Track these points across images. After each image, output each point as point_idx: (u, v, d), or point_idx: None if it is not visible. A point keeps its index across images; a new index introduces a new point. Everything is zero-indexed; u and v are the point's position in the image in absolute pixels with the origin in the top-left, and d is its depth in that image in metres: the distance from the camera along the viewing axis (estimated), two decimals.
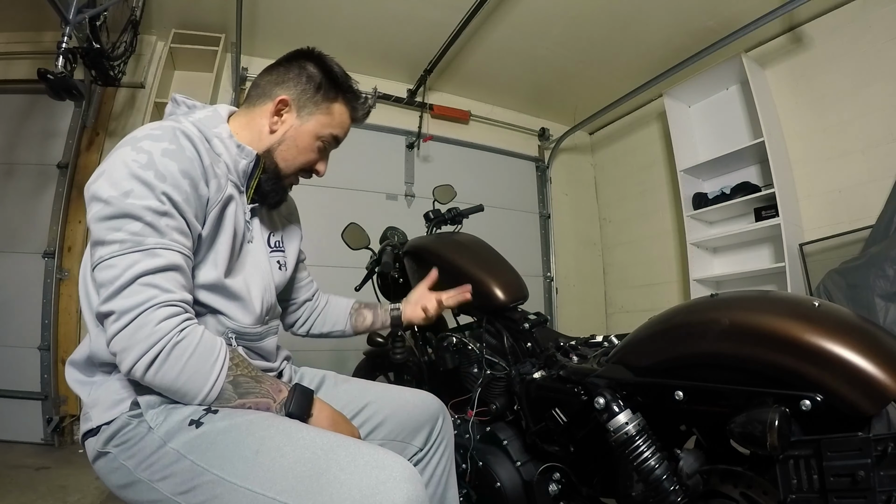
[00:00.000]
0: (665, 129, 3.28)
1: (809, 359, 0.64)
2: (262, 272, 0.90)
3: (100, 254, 0.67)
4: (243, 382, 0.71)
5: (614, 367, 0.90)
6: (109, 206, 0.67)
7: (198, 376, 0.67)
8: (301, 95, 0.89)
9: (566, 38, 2.93)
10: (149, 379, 0.65)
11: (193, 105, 0.92)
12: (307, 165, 0.93)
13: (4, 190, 2.54)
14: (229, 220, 0.82)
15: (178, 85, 2.90)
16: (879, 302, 1.84)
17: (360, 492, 0.58)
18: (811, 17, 2.62)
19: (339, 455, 0.63)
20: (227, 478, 0.63)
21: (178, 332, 0.66)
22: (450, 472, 1.00)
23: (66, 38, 1.88)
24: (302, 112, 0.90)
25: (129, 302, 0.64)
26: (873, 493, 0.56)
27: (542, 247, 3.82)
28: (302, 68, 0.91)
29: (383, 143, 3.35)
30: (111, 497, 1.77)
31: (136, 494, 0.71)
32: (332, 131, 0.92)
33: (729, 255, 3.07)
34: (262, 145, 0.89)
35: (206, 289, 0.78)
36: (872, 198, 2.32)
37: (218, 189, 0.79)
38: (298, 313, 1.18)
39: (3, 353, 2.40)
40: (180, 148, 0.73)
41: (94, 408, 0.75)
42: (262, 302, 0.87)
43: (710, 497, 0.78)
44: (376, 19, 2.75)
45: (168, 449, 0.67)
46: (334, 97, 0.91)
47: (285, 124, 0.89)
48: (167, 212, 0.69)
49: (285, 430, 0.67)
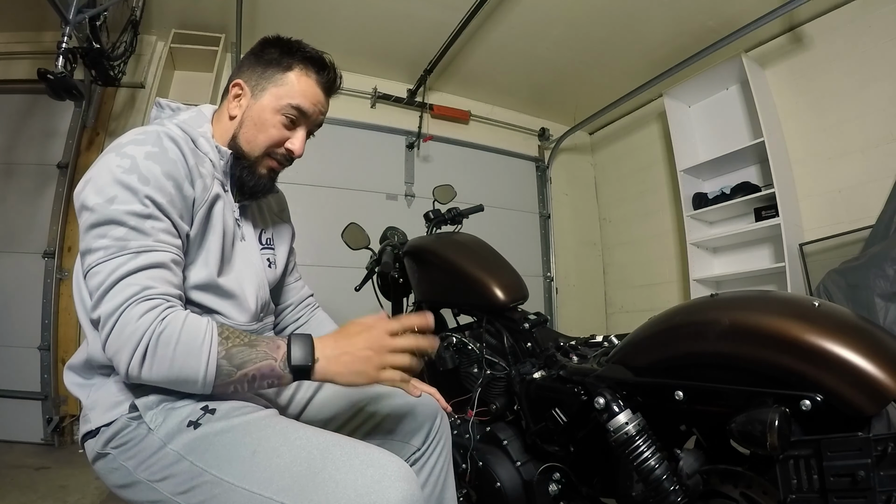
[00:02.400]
0: (665, 129, 3.28)
1: (809, 359, 0.64)
2: (254, 269, 0.90)
3: (87, 262, 0.68)
4: (237, 353, 0.68)
5: (614, 367, 0.90)
6: (94, 214, 0.68)
7: (190, 360, 0.65)
8: (252, 74, 0.88)
9: (566, 39, 2.93)
10: (145, 376, 0.65)
11: (178, 108, 0.91)
12: (273, 143, 0.88)
13: (4, 190, 2.54)
14: (217, 218, 0.82)
15: (178, 85, 2.90)
16: (879, 302, 1.84)
17: (356, 490, 0.59)
18: (811, 17, 2.62)
19: (335, 454, 0.63)
20: (224, 478, 0.63)
21: (160, 321, 0.65)
22: (448, 471, 0.99)
23: (66, 38, 1.88)
24: (255, 90, 0.87)
25: (111, 305, 0.65)
26: (873, 493, 0.56)
27: (542, 247, 3.82)
28: (258, 54, 0.89)
29: (383, 143, 3.35)
30: (111, 497, 1.77)
31: (135, 494, 0.71)
32: (290, 101, 0.86)
33: (729, 255, 3.07)
34: (228, 135, 0.88)
35: (199, 288, 0.78)
36: (872, 198, 2.32)
37: (204, 189, 0.79)
38: (280, 318, 1.12)
39: (3, 353, 2.40)
40: (163, 150, 0.73)
41: (93, 410, 0.76)
42: (256, 299, 0.87)
43: (710, 497, 0.77)
44: (376, 19, 2.75)
45: (168, 450, 0.68)
46: (287, 66, 0.87)
47: (242, 107, 0.88)
48: (151, 214, 0.69)
49: (282, 430, 0.67)
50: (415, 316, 0.78)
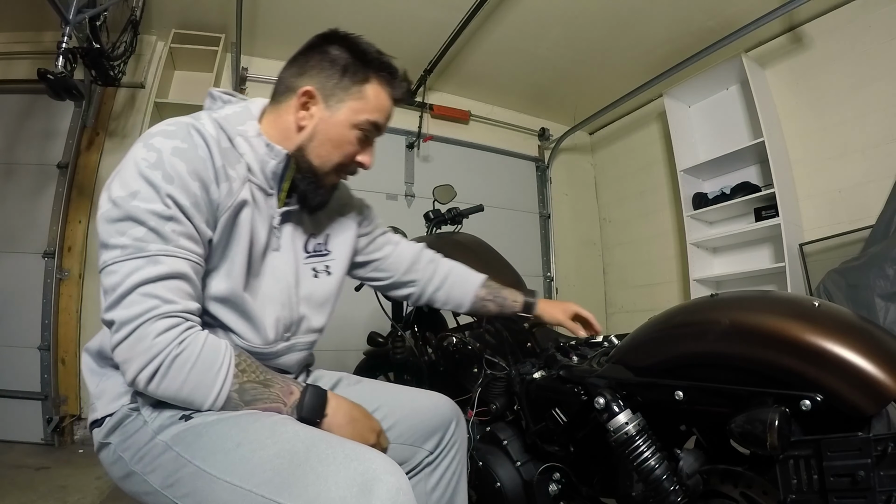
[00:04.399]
0: (665, 129, 3.28)
1: (809, 359, 0.64)
2: (283, 286, 0.83)
3: (103, 258, 0.65)
4: (250, 389, 0.68)
5: (614, 367, 0.90)
6: (116, 208, 0.65)
7: (201, 387, 0.65)
8: (326, 82, 0.80)
9: (566, 38, 2.93)
10: (151, 391, 0.65)
11: (228, 100, 0.85)
12: (347, 160, 0.84)
13: (4, 190, 2.54)
14: (244, 226, 0.76)
15: (178, 85, 2.90)
16: (879, 302, 1.84)
17: (336, 483, 0.56)
18: (811, 17, 2.62)
19: (320, 448, 0.61)
20: (207, 470, 0.62)
21: (178, 344, 0.63)
22: (461, 477, 0.97)
23: (66, 38, 1.88)
24: (330, 101, 0.80)
25: (127, 313, 0.62)
26: (873, 493, 0.56)
27: (542, 247, 3.82)
28: (324, 53, 0.81)
29: (383, 143, 3.29)
30: (111, 497, 1.77)
31: (132, 486, 0.72)
32: (368, 117, 0.82)
33: (729, 255, 3.07)
34: (292, 144, 0.81)
35: (217, 301, 0.74)
36: (872, 198, 2.32)
37: (229, 193, 0.73)
38: (407, 290, 1.13)
39: (3, 353, 2.40)
40: (192, 146, 0.69)
41: (99, 399, 0.76)
42: (276, 323, 0.81)
43: (710, 497, 0.78)
44: (376, 19, 2.75)
45: (157, 441, 0.67)
46: (365, 77, 0.81)
47: (314, 118, 0.80)
48: (173, 216, 0.66)
49: (271, 424, 0.65)
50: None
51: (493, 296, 1.19)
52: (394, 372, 1.77)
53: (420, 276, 1.15)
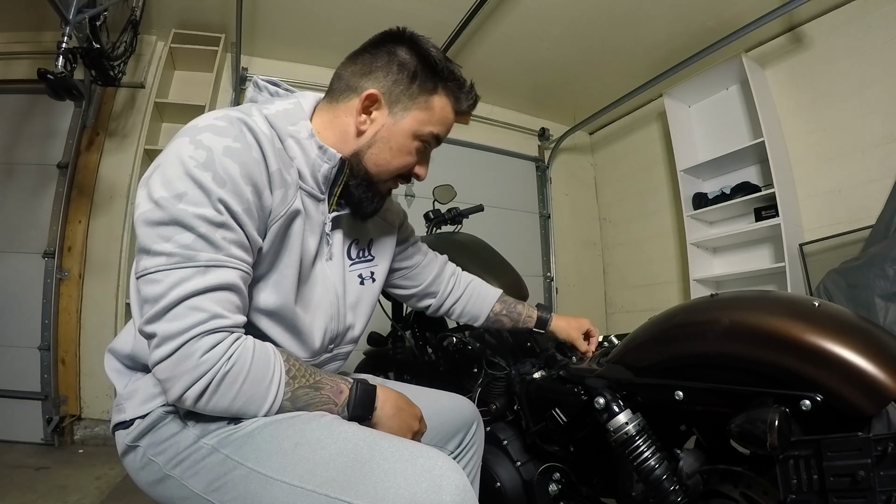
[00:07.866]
0: (665, 129, 3.28)
1: (809, 359, 0.64)
2: (332, 296, 0.80)
3: (144, 265, 0.59)
4: (302, 396, 0.66)
5: (614, 367, 0.90)
6: (159, 210, 0.59)
7: (254, 400, 0.62)
8: (393, 88, 0.75)
9: (566, 38, 2.93)
10: (199, 408, 0.61)
11: (276, 92, 0.80)
12: (404, 170, 0.80)
13: (4, 190, 2.54)
14: (296, 237, 0.72)
15: (178, 85, 2.90)
16: (879, 302, 1.84)
17: (406, 480, 0.55)
18: (811, 17, 2.62)
19: (383, 446, 0.60)
20: (261, 471, 0.59)
21: (227, 360, 0.59)
22: (475, 477, 0.98)
23: (66, 38, 1.88)
24: (395, 108, 0.76)
25: (172, 327, 0.57)
26: (873, 493, 0.56)
27: (542, 247, 3.81)
28: (392, 54, 0.76)
29: None
30: (111, 497, 1.77)
31: (165, 491, 0.68)
32: (432, 129, 0.79)
33: (729, 255, 3.07)
34: (348, 148, 0.77)
35: (264, 314, 0.70)
36: (872, 198, 2.32)
37: (283, 201, 0.69)
38: (427, 301, 1.12)
39: (3, 353, 2.40)
40: (246, 147, 0.64)
41: (129, 399, 0.71)
42: (324, 334, 0.78)
43: (710, 497, 0.77)
44: (376, 19, 2.74)
45: (201, 444, 0.64)
46: (433, 88, 0.77)
47: (375, 123, 0.76)
48: (224, 223, 0.61)
49: (327, 424, 0.63)
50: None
51: (507, 311, 1.18)
52: (394, 372, 1.77)
53: (442, 289, 1.14)
